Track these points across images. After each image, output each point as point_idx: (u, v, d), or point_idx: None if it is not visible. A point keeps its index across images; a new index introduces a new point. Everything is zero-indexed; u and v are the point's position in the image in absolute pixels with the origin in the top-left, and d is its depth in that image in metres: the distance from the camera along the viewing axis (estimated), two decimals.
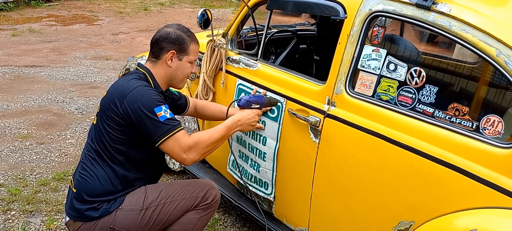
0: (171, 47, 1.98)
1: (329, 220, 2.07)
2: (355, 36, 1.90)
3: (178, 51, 1.99)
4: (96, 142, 1.92)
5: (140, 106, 1.82)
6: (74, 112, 4.42)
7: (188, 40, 2.01)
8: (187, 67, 2.06)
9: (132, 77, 1.95)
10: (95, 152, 1.92)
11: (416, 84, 1.74)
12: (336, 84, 1.97)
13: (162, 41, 1.98)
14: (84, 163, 1.95)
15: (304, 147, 2.10)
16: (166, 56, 1.98)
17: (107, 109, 1.88)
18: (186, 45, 2.01)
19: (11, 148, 3.49)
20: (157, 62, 2.01)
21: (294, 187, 2.22)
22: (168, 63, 1.99)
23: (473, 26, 1.57)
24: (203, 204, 2.03)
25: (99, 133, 1.91)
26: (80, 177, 1.93)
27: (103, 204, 1.88)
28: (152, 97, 1.85)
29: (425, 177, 1.66)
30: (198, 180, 2.21)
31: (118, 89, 1.90)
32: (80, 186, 1.91)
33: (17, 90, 4.93)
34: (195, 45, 2.05)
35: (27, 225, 2.53)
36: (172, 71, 2.02)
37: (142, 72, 1.99)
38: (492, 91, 1.65)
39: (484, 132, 1.55)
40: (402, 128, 1.74)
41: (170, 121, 1.85)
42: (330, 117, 1.97)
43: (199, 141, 1.92)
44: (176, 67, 2.02)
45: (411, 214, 1.72)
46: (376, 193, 1.83)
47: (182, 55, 2.01)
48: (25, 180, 3.02)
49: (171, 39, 1.98)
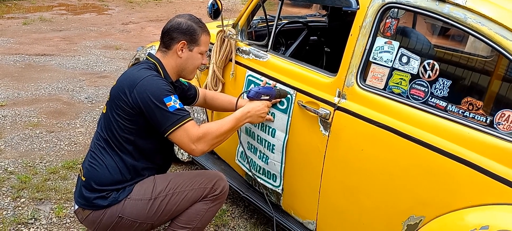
0: (182, 38, 1.96)
1: (337, 213, 2.06)
2: (368, 28, 1.86)
3: (189, 42, 1.98)
4: (106, 131, 1.92)
5: (149, 96, 1.81)
6: (84, 101, 4.44)
7: (199, 31, 1.99)
8: (198, 58, 2.04)
9: (142, 67, 1.94)
10: (105, 141, 1.92)
11: (429, 77, 1.70)
12: (347, 77, 1.94)
13: (173, 31, 1.96)
14: (93, 152, 1.95)
15: (314, 140, 2.08)
16: (176, 47, 1.97)
17: (117, 98, 1.87)
18: (197, 36, 1.99)
19: (22, 136, 3.51)
20: (167, 53, 1.99)
21: (303, 180, 2.20)
22: (179, 53, 1.98)
23: (489, 19, 1.53)
24: (211, 195, 2.02)
25: (108, 122, 1.91)
26: (89, 166, 1.93)
27: (112, 193, 1.88)
28: (161, 87, 1.84)
29: (436, 172, 1.63)
30: (207, 171, 2.22)
31: (128, 79, 1.88)
32: (89, 175, 1.91)
33: (28, 79, 4.96)
34: (206, 36, 2.03)
35: (36, 212, 2.55)
36: (182, 62, 2.00)
37: (152, 62, 1.98)
38: (507, 85, 1.61)
39: (498, 127, 1.51)
40: (414, 121, 1.71)
41: (179, 111, 1.84)
42: (341, 110, 1.95)
43: (208, 132, 1.91)
44: (186, 58, 2.00)
45: (421, 209, 1.70)
46: (386, 187, 1.81)
47: (193, 46, 1.99)
48: (35, 168, 3.04)
49: (182, 29, 1.96)
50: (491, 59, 2.01)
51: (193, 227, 2.02)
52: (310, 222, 2.22)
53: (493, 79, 1.69)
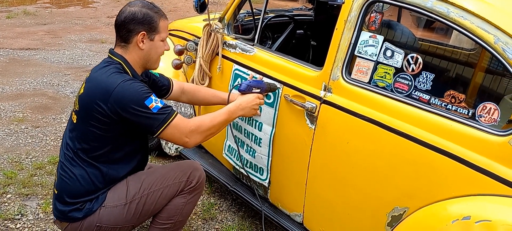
0: (141, 28, 1.83)
1: (323, 205, 2.08)
2: (353, 22, 1.88)
3: (148, 31, 1.85)
4: (78, 142, 1.82)
5: (129, 104, 1.72)
6: (70, 96, 4.40)
7: (156, 17, 1.87)
8: (160, 46, 1.93)
9: (111, 70, 1.79)
10: (76, 152, 1.83)
11: (413, 71, 1.73)
12: (333, 71, 1.96)
13: (129, 23, 1.82)
14: (63, 163, 1.87)
15: (300, 133, 2.10)
16: (136, 39, 1.84)
17: (90, 110, 1.75)
18: (155, 23, 1.87)
19: (7, 131, 3.47)
20: (128, 47, 1.86)
21: (290, 173, 2.22)
22: (140, 46, 1.85)
23: (471, 13, 1.56)
24: (188, 188, 2.00)
25: (81, 133, 1.81)
26: (60, 178, 1.86)
27: (86, 204, 1.83)
28: (138, 91, 1.75)
29: (420, 164, 1.66)
30: (181, 162, 2.13)
31: (99, 88, 1.75)
32: (60, 187, 1.85)
33: (12, 73, 4.89)
34: (164, 21, 1.91)
35: (23, 208, 2.53)
36: (145, 54, 1.89)
37: (118, 62, 1.84)
38: (489, 78, 1.64)
39: (480, 120, 1.55)
40: (398, 114, 1.74)
41: (163, 110, 1.78)
42: (326, 103, 1.97)
43: (201, 124, 1.88)
44: (149, 48, 1.88)
45: (405, 201, 1.73)
46: (370, 179, 1.84)
47: (153, 35, 1.87)
48: (21, 164, 3.01)
49: (139, 19, 1.83)
50: (474, 52, 2.04)
51: (175, 221, 2.02)
52: (297, 215, 2.25)
53: (476, 73, 1.72)
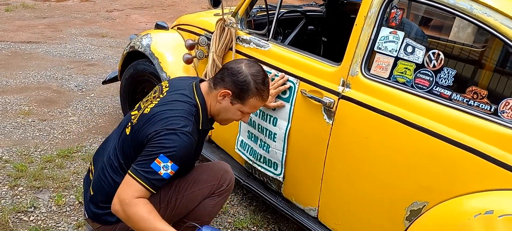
0: (230, 87, 1.78)
1: (340, 200, 2.10)
2: (373, 18, 1.90)
3: (235, 95, 1.79)
4: (126, 155, 1.78)
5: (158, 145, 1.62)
6: (74, 90, 4.38)
7: (252, 92, 1.79)
8: (236, 114, 1.86)
9: (185, 109, 1.71)
10: (122, 163, 1.80)
11: (434, 67, 1.75)
12: (352, 66, 1.98)
13: (228, 75, 1.78)
14: (105, 168, 1.83)
15: (317, 128, 2.12)
16: (220, 91, 1.79)
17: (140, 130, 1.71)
18: (247, 95, 1.79)
19: (14, 124, 3.45)
20: (212, 91, 1.83)
21: (305, 168, 2.24)
22: (219, 99, 1.81)
23: (495, 9, 1.58)
24: (218, 191, 2.01)
25: (132, 148, 1.76)
26: (99, 181, 1.83)
27: None
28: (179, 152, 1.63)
29: (441, 159, 1.69)
30: (212, 165, 2.11)
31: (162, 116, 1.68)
32: (97, 190, 1.84)
33: (15, 67, 4.86)
34: (257, 101, 1.82)
35: (35, 201, 2.53)
36: (219, 109, 1.84)
37: (196, 104, 1.78)
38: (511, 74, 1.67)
39: (502, 115, 1.57)
40: (418, 110, 1.76)
41: (152, 174, 1.62)
42: (345, 98, 1.99)
43: (135, 212, 1.61)
44: (224, 107, 1.83)
45: (424, 195, 1.75)
46: (390, 173, 1.86)
47: (236, 101, 1.81)
48: (30, 157, 3.00)
49: (237, 80, 1.77)
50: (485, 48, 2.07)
51: (201, 221, 2.03)
52: (311, 209, 2.27)
53: (497, 68, 1.74)
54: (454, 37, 2.57)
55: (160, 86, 1.93)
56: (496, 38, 1.59)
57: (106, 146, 1.94)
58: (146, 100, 1.91)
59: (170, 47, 3.12)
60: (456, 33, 2.51)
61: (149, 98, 1.90)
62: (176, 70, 2.99)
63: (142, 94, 3.36)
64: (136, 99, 3.41)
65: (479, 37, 2.21)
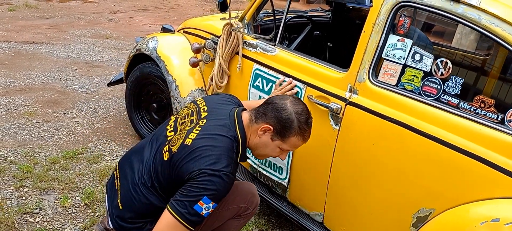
0: (273, 123, 1.75)
1: (346, 205, 2.11)
2: (381, 25, 1.91)
3: (276, 132, 1.77)
4: (162, 180, 1.75)
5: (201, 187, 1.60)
6: (78, 91, 4.40)
7: (295, 131, 1.76)
8: (274, 151, 1.83)
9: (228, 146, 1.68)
10: (156, 185, 1.76)
11: (442, 75, 1.77)
12: (359, 73, 1.99)
13: (272, 110, 1.76)
14: (138, 186, 1.79)
15: (323, 133, 2.13)
16: (261, 127, 1.77)
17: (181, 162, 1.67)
18: (289, 133, 1.76)
19: (18, 125, 3.47)
20: (253, 124, 1.80)
21: (311, 173, 2.25)
22: (259, 133, 1.78)
23: (503, 20, 1.59)
24: (244, 213, 2.01)
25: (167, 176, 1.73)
26: (130, 198, 1.80)
27: (147, 225, 1.78)
28: (219, 193, 1.63)
29: (448, 166, 1.70)
30: (241, 186, 2.04)
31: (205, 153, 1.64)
32: (126, 206, 1.80)
33: (19, 67, 4.87)
34: (298, 140, 1.80)
35: (41, 202, 2.54)
36: (257, 143, 1.81)
37: (238, 138, 1.75)
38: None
39: (509, 124, 1.58)
40: (426, 117, 1.77)
41: (195, 216, 1.62)
42: (352, 104, 2.00)
43: None
44: (264, 142, 1.80)
45: (431, 202, 1.76)
46: (396, 180, 1.87)
47: (277, 138, 1.78)
48: (35, 158, 3.01)
49: (280, 117, 1.74)
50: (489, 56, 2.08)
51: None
52: (317, 214, 2.28)
53: (506, 79, 1.76)
54: (457, 44, 2.59)
55: (197, 107, 1.87)
56: (504, 48, 1.60)
57: (137, 158, 1.87)
58: (182, 122, 1.86)
59: (176, 51, 3.13)
60: (458, 40, 2.52)
61: (186, 121, 1.84)
62: (182, 74, 3.01)
63: (148, 96, 3.38)
64: (141, 101, 3.43)
65: (482, 44, 2.22)
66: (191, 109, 1.89)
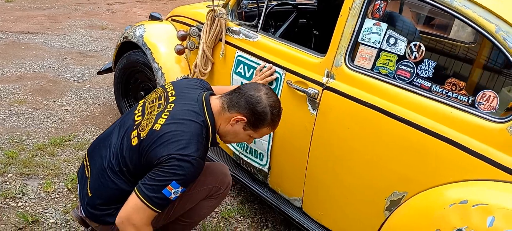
0: (247, 115, 1.76)
1: (323, 190, 2.12)
2: (357, 9, 1.91)
3: (249, 123, 1.78)
4: (131, 164, 1.74)
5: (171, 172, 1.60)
6: (70, 80, 4.41)
7: (267, 123, 1.79)
8: (245, 138, 1.86)
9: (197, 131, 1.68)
10: (124, 170, 1.76)
11: (415, 58, 1.76)
12: (336, 57, 1.99)
13: (248, 102, 1.76)
14: (105, 172, 1.78)
15: (302, 119, 2.13)
16: (234, 117, 1.77)
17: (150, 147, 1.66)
18: (261, 124, 1.79)
19: (7, 113, 3.48)
20: (225, 113, 1.79)
21: (290, 159, 2.25)
22: (232, 123, 1.79)
23: (474, 2, 1.59)
24: (216, 194, 2.01)
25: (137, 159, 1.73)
26: (98, 183, 1.80)
27: (118, 210, 1.74)
28: (188, 178, 1.64)
29: (420, 150, 1.70)
30: (212, 166, 2.03)
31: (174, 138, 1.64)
32: (95, 192, 1.80)
33: (12, 56, 4.89)
34: (268, 130, 1.85)
35: (24, 187, 2.55)
36: (229, 131, 1.83)
37: (206, 123, 1.74)
38: (489, 67, 1.67)
39: (479, 107, 1.58)
40: (399, 101, 1.77)
41: (163, 200, 1.63)
42: (329, 89, 2.00)
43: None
44: (236, 131, 1.82)
45: (404, 185, 1.77)
46: (371, 164, 1.87)
47: (249, 128, 1.81)
48: (22, 144, 3.03)
49: (255, 109, 1.75)
50: (474, 45, 2.07)
51: (195, 220, 2.07)
52: (296, 199, 2.28)
53: (477, 61, 1.75)
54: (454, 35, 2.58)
55: (164, 92, 1.87)
56: (475, 30, 1.59)
57: (105, 144, 1.87)
58: (150, 106, 1.84)
59: (163, 38, 3.13)
60: (456, 32, 2.52)
61: (153, 105, 1.83)
62: (168, 61, 3.01)
63: (135, 84, 3.38)
64: (129, 89, 3.44)
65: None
66: (158, 93, 1.88)
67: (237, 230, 2.48)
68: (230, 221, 2.55)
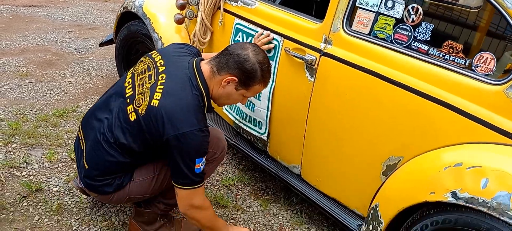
0: (237, 74, 1.75)
1: (321, 156, 2.12)
2: None
3: (241, 82, 1.77)
4: (127, 138, 1.74)
5: (186, 151, 1.66)
6: (73, 53, 4.41)
7: (258, 79, 1.78)
8: (238, 99, 1.86)
9: (192, 104, 1.68)
10: (120, 143, 1.75)
11: (413, 21, 1.73)
12: (334, 22, 1.96)
13: (236, 62, 1.74)
14: (100, 144, 1.78)
15: (299, 86, 2.12)
16: (225, 78, 1.76)
17: (153, 126, 1.67)
18: (253, 82, 1.78)
19: (11, 85, 3.51)
20: (215, 76, 1.77)
21: (288, 126, 2.26)
22: (223, 84, 1.77)
23: None
24: (211, 158, 2.01)
25: (134, 134, 1.73)
26: (93, 155, 1.81)
27: (115, 180, 1.82)
28: (202, 148, 1.69)
29: (417, 114, 1.69)
30: None
31: (173, 115, 1.64)
32: (92, 163, 1.81)
33: (16, 29, 4.89)
34: (261, 87, 1.84)
35: (28, 157, 2.59)
36: (221, 93, 1.82)
37: (200, 91, 1.74)
38: (487, 28, 1.64)
39: (476, 69, 1.56)
40: (397, 66, 1.75)
41: (199, 175, 1.73)
42: (326, 55, 1.98)
43: (207, 208, 1.84)
44: (228, 92, 1.81)
45: (400, 150, 1.77)
46: (367, 130, 1.87)
47: (241, 88, 1.80)
48: (25, 116, 3.06)
49: (244, 68, 1.74)
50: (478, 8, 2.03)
51: None
52: (295, 166, 2.30)
53: (475, 22, 1.72)
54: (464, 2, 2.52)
55: (152, 62, 1.83)
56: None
57: (97, 116, 1.86)
58: (140, 77, 1.81)
59: (163, 8, 3.10)
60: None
61: (143, 77, 1.80)
62: (167, 31, 2.99)
63: (137, 55, 3.38)
64: (131, 60, 3.43)
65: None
66: (146, 64, 1.85)
67: (237, 197, 2.51)
68: (230, 189, 2.58)
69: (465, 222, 1.47)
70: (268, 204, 2.49)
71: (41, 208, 2.22)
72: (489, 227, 1.41)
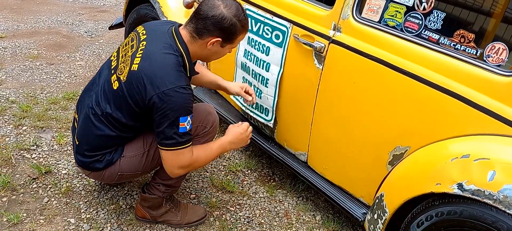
0: (219, 35, 1.76)
1: (328, 144, 2.11)
2: None
3: (224, 40, 1.79)
4: (111, 107, 1.78)
5: (170, 110, 1.67)
6: (84, 35, 4.43)
7: (239, 30, 1.79)
8: (226, 53, 1.90)
9: (172, 64, 1.70)
10: (106, 114, 1.79)
11: (424, 9, 1.70)
12: (343, 9, 1.93)
13: (213, 24, 1.73)
14: (89, 118, 1.83)
15: (307, 73, 2.10)
16: (209, 40, 1.77)
17: (135, 90, 1.70)
18: (235, 35, 1.80)
19: (22, 67, 3.54)
20: (197, 41, 1.78)
21: (296, 113, 2.25)
22: (209, 47, 1.79)
23: None
24: (202, 132, 2.01)
25: (119, 103, 1.77)
26: (83, 130, 1.86)
27: (105, 156, 1.86)
28: (185, 105, 1.70)
29: (425, 104, 1.67)
30: (196, 106, 2.03)
31: (154, 76, 1.67)
32: (82, 139, 1.86)
33: (27, 12, 4.91)
34: (243, 34, 1.84)
35: (38, 139, 2.62)
36: (208, 54, 1.84)
37: (180, 53, 1.75)
38: (499, 18, 1.60)
39: (487, 60, 1.53)
40: (406, 54, 1.72)
41: (185, 135, 1.73)
42: (335, 43, 1.96)
43: (196, 161, 1.84)
44: (215, 51, 1.83)
45: (407, 140, 1.75)
46: (375, 119, 1.85)
47: (226, 44, 1.82)
48: (36, 98, 3.09)
49: (223, 27, 1.74)
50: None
51: None
52: (301, 154, 2.29)
53: (488, 11, 1.68)
54: None
55: (136, 34, 1.87)
56: None
57: (88, 94, 1.92)
58: (124, 49, 1.86)
59: None
60: None
61: (127, 48, 1.84)
62: (176, 15, 2.98)
63: None
64: None
65: None
66: (131, 37, 1.90)
67: (244, 183, 2.52)
68: (237, 175, 2.59)
69: (471, 214, 1.45)
70: (274, 190, 2.50)
71: (50, 190, 2.25)
72: (494, 220, 1.39)
